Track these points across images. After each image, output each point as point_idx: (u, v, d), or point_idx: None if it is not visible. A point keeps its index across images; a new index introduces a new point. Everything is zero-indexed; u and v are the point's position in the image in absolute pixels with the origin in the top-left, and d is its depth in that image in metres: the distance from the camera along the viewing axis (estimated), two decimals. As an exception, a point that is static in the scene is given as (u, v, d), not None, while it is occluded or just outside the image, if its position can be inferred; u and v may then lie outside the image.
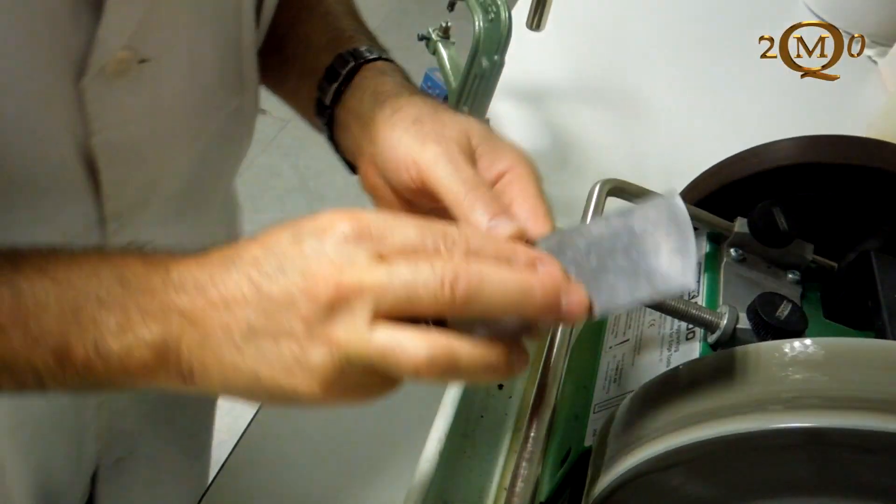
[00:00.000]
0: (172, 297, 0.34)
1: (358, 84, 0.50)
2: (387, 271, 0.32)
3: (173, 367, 0.34)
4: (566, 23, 1.03)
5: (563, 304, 0.32)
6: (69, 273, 0.35)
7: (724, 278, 0.45)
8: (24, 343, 0.34)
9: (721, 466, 0.33)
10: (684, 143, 1.00)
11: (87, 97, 0.41)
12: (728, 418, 0.32)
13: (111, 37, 0.40)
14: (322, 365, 0.32)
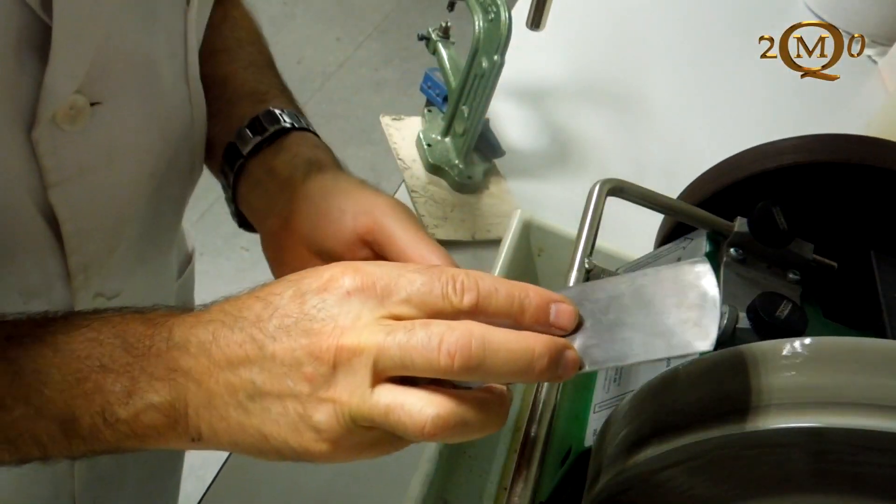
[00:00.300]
0: (177, 359, 0.34)
1: (287, 148, 0.50)
2: (386, 332, 0.32)
3: (182, 428, 0.34)
4: (566, 23, 1.03)
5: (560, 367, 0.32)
6: (69, 340, 0.34)
7: (724, 278, 0.45)
8: (26, 417, 0.33)
9: (721, 466, 0.33)
10: (684, 143, 1.00)
11: (40, 149, 0.39)
12: (728, 418, 0.32)
13: (60, 82, 0.38)
14: (328, 425, 0.32)
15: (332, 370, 0.32)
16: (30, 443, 0.33)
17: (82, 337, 0.34)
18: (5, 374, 0.33)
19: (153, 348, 0.34)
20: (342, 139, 2.17)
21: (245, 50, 0.57)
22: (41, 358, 0.33)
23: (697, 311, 0.31)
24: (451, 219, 0.83)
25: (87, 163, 0.42)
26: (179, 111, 0.49)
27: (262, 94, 0.53)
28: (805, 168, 0.48)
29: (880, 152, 0.47)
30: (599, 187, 0.46)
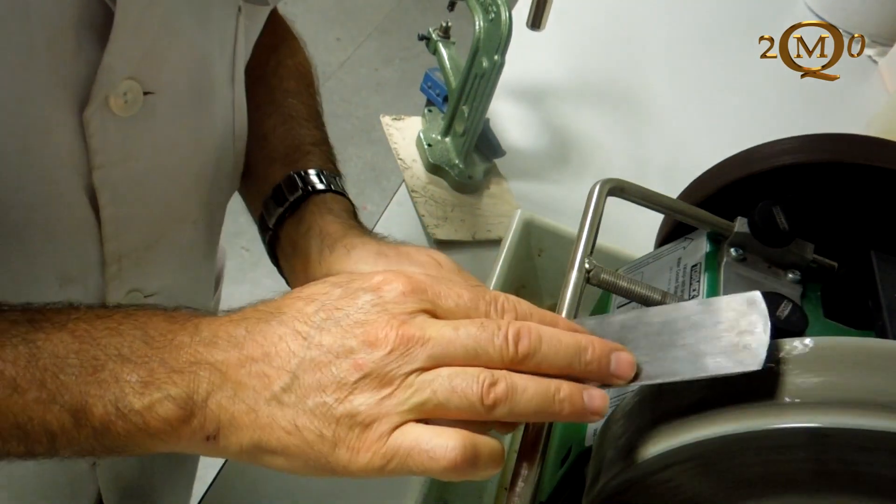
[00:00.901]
0: (202, 353, 0.33)
1: (303, 218, 0.50)
2: (453, 327, 0.33)
3: (197, 424, 0.33)
4: (566, 23, 1.03)
5: (586, 402, 0.33)
6: (90, 328, 0.34)
7: (724, 278, 0.45)
8: (39, 401, 0.32)
9: (721, 466, 0.33)
10: (685, 143, 1.00)
11: (90, 129, 0.40)
12: (728, 418, 0.32)
13: (116, 65, 0.39)
14: (367, 408, 0.32)
15: (387, 355, 0.32)
16: (39, 430, 0.32)
17: (103, 326, 0.34)
18: (23, 356, 0.32)
19: (175, 341, 0.34)
20: (342, 139, 2.17)
21: (287, 102, 0.57)
22: (60, 343, 0.33)
23: (748, 335, 0.32)
24: (451, 219, 0.83)
25: (133, 150, 0.43)
26: (223, 114, 0.50)
27: (293, 153, 0.54)
28: (805, 168, 0.48)
29: (880, 152, 0.47)
30: (599, 187, 0.46)
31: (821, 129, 0.49)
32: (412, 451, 0.32)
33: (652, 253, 0.53)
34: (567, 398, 0.33)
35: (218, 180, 0.52)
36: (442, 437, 0.31)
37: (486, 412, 0.32)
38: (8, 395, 0.32)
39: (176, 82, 0.43)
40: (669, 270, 0.49)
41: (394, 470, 0.32)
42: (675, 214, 0.48)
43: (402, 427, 0.32)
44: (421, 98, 0.94)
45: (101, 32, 0.38)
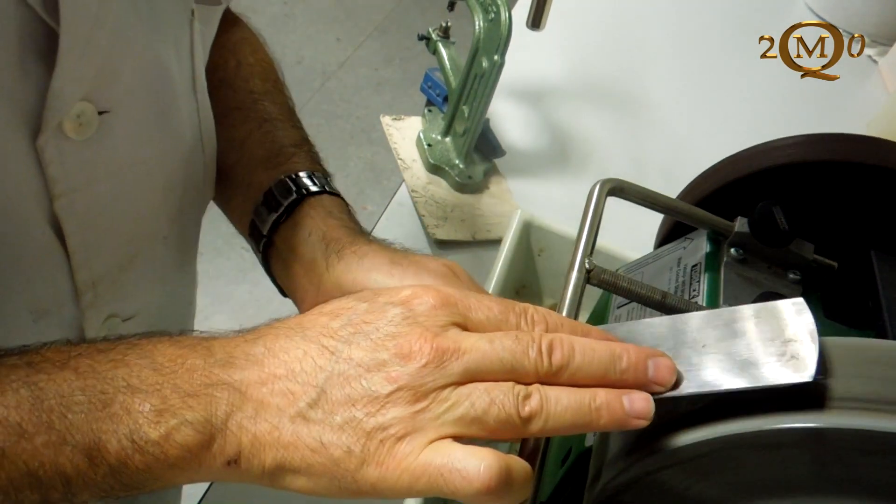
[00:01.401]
0: (218, 374, 0.32)
1: (301, 222, 0.49)
2: (488, 339, 0.32)
3: (218, 448, 0.32)
4: (566, 23, 1.03)
5: (626, 407, 0.32)
6: (93, 363, 0.32)
7: (724, 278, 0.45)
8: (48, 444, 0.30)
9: (721, 466, 0.33)
10: (684, 143, 1.00)
11: (46, 158, 0.38)
12: (728, 418, 0.32)
13: (67, 89, 0.37)
14: (401, 422, 0.31)
15: (422, 368, 0.31)
16: (53, 475, 0.30)
17: (106, 359, 0.32)
18: (27, 400, 0.30)
19: (186, 364, 0.32)
20: (342, 139, 2.17)
21: (259, 104, 0.56)
22: (64, 382, 0.31)
23: (795, 344, 0.31)
24: (451, 219, 0.83)
25: (94, 174, 0.41)
26: (189, 124, 0.48)
27: (276, 157, 0.52)
28: (805, 168, 0.48)
29: (880, 152, 0.47)
30: (599, 187, 0.46)
31: (821, 129, 0.49)
32: (443, 469, 0.30)
33: (652, 253, 0.53)
34: (604, 405, 0.31)
35: (188, 192, 0.50)
36: (476, 457, 0.30)
37: (523, 426, 0.31)
38: (15, 441, 0.30)
39: (132, 97, 0.42)
40: (669, 270, 0.49)
41: (423, 490, 0.31)
42: (674, 214, 0.48)
43: (434, 444, 0.31)
44: (421, 98, 0.94)
45: (47, 55, 0.36)
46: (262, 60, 0.59)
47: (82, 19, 0.36)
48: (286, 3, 2.55)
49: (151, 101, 0.43)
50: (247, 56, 0.58)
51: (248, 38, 0.60)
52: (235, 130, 0.54)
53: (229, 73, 0.56)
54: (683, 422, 0.34)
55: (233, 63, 0.57)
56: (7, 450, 0.30)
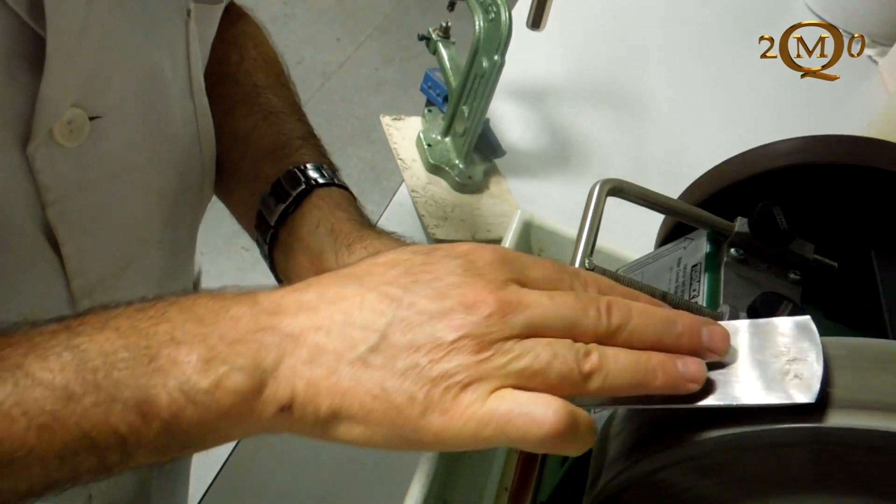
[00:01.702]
0: (266, 320, 0.31)
1: (309, 212, 0.48)
2: (549, 296, 0.32)
3: (270, 393, 0.31)
4: (566, 23, 1.03)
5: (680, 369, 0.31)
6: (134, 322, 0.31)
7: (724, 278, 0.45)
8: (98, 404, 0.30)
9: (722, 467, 0.33)
10: (685, 143, 1.00)
11: (37, 166, 0.37)
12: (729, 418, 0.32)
13: (56, 96, 0.36)
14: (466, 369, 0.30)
15: (486, 318, 0.30)
16: (107, 435, 0.30)
17: (146, 317, 0.31)
18: (71, 363, 0.30)
19: (230, 313, 0.31)
20: (342, 139, 2.17)
21: (263, 97, 0.55)
22: (106, 342, 0.30)
23: (799, 363, 0.31)
24: (451, 219, 0.83)
25: (88, 180, 0.40)
26: (186, 127, 0.48)
27: (282, 149, 0.52)
28: (805, 169, 0.48)
29: (880, 153, 0.47)
30: (599, 187, 0.46)
31: (821, 129, 0.49)
32: (512, 414, 0.30)
33: (652, 253, 0.53)
34: (659, 366, 0.31)
35: (183, 196, 0.49)
36: (542, 402, 0.30)
37: (583, 381, 0.30)
38: (64, 404, 0.29)
39: (124, 101, 0.41)
40: (670, 271, 0.49)
41: (489, 437, 0.30)
42: (675, 215, 0.48)
43: (497, 392, 0.30)
44: (421, 98, 0.94)
45: (35, 62, 0.35)
46: (265, 54, 0.59)
47: (69, 25, 0.35)
48: (286, 3, 2.55)
49: (144, 106, 0.43)
50: (250, 50, 0.58)
51: (251, 32, 0.60)
52: (239, 124, 0.53)
53: (232, 67, 0.56)
54: (683, 422, 0.34)
55: (236, 57, 0.57)
56: (58, 413, 0.29)
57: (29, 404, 0.29)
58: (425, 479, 0.48)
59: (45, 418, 0.29)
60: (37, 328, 0.32)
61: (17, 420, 0.29)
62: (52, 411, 0.29)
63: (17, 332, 0.31)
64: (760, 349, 0.33)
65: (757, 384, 0.31)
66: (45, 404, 0.29)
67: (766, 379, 0.31)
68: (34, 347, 0.30)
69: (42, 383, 0.29)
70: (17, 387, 0.29)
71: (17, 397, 0.29)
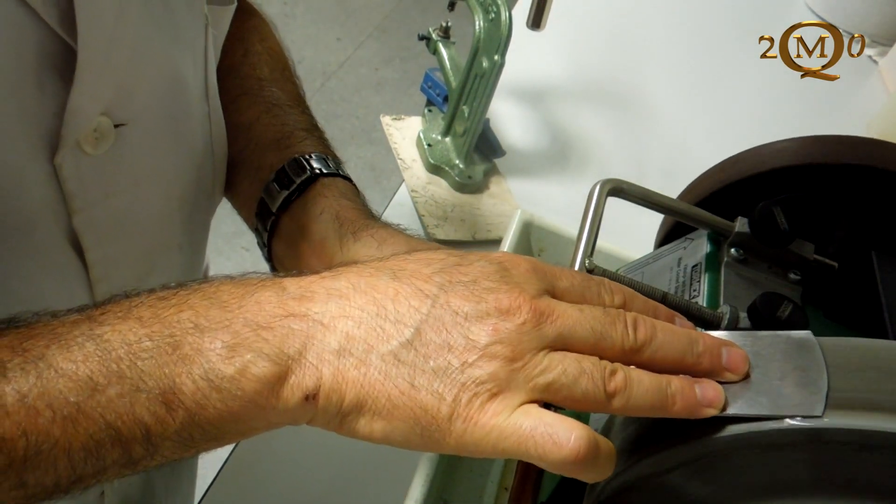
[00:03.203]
0: (294, 306, 0.31)
1: (313, 200, 0.48)
2: (579, 309, 0.32)
3: (296, 381, 0.30)
4: (566, 23, 1.03)
5: (698, 395, 0.32)
6: (156, 310, 0.31)
7: (724, 278, 0.45)
8: (123, 394, 0.29)
9: (721, 467, 0.33)
10: (685, 143, 1.00)
11: (63, 174, 0.37)
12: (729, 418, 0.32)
13: (86, 106, 0.36)
14: (496, 378, 0.30)
15: (520, 326, 0.30)
16: (132, 426, 0.29)
17: (168, 305, 0.31)
18: (94, 353, 0.29)
19: (255, 297, 0.31)
20: (342, 139, 2.17)
21: (267, 90, 0.55)
22: (129, 331, 0.30)
23: (803, 379, 0.32)
24: (451, 219, 0.83)
25: (113, 187, 0.40)
26: (203, 131, 0.48)
27: (286, 139, 0.51)
28: (805, 169, 0.48)
29: (880, 153, 0.47)
30: (600, 188, 0.46)
31: (821, 129, 0.49)
32: (535, 432, 0.30)
33: (652, 253, 0.53)
34: (678, 391, 0.31)
35: (199, 200, 0.50)
36: (567, 424, 0.30)
37: (607, 400, 0.31)
38: (88, 395, 0.29)
39: (149, 109, 0.41)
40: (670, 271, 0.49)
41: (507, 450, 0.30)
42: (675, 214, 0.48)
43: (524, 407, 0.30)
44: (421, 98, 0.94)
45: (65, 72, 0.35)
46: (270, 49, 0.59)
47: (100, 36, 0.35)
48: (286, 3, 2.55)
49: (167, 112, 0.43)
50: (255, 44, 0.58)
51: (257, 26, 0.60)
52: (243, 115, 0.53)
53: (237, 60, 0.56)
54: (683, 423, 0.34)
55: (240, 51, 0.57)
56: (82, 404, 0.29)
57: (53, 396, 0.28)
58: (425, 479, 0.48)
59: (69, 410, 0.29)
60: (58, 318, 0.31)
61: (42, 412, 0.28)
62: (76, 402, 0.29)
63: (38, 322, 0.31)
64: (764, 363, 0.33)
65: (762, 399, 0.32)
66: (70, 395, 0.29)
67: (772, 394, 0.31)
68: (56, 338, 0.30)
69: (66, 374, 0.29)
70: (40, 378, 0.29)
71: (41, 389, 0.28)
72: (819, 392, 0.31)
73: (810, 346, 0.33)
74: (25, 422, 0.28)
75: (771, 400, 0.31)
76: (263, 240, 0.51)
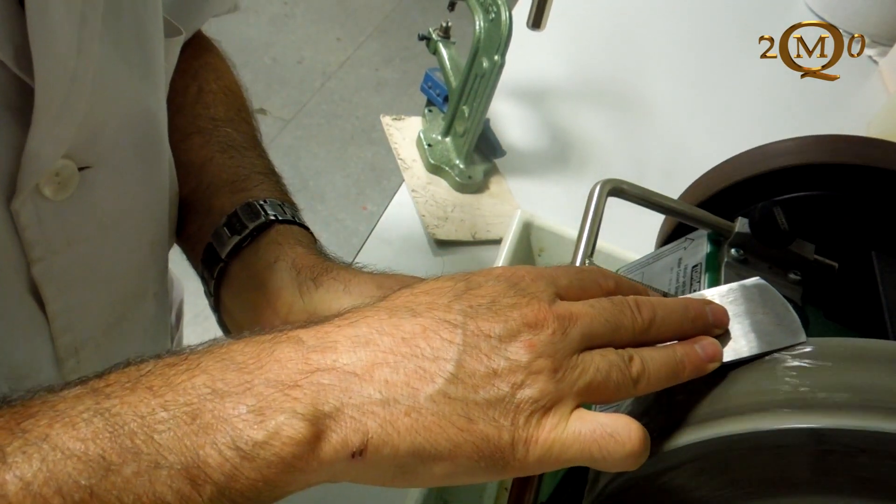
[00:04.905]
0: (317, 360, 0.29)
1: (266, 247, 0.45)
2: (590, 305, 0.32)
3: (338, 440, 0.28)
4: (566, 23, 1.03)
5: (700, 353, 0.33)
6: (166, 378, 0.28)
7: (725, 278, 0.45)
8: (140, 473, 0.26)
9: (721, 467, 0.33)
10: (685, 143, 1.00)
11: (21, 222, 0.35)
12: (729, 418, 0.32)
13: (45, 149, 0.34)
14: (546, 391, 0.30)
15: (551, 336, 0.30)
16: None
17: (179, 371, 0.28)
18: (104, 430, 0.26)
19: (275, 356, 0.29)
20: (342, 139, 2.17)
21: (221, 130, 0.52)
22: (140, 403, 0.27)
23: (773, 314, 0.35)
24: (451, 219, 0.83)
25: (77, 234, 0.38)
26: (170, 168, 0.46)
27: (241, 182, 0.48)
28: (805, 169, 0.48)
29: (880, 153, 0.47)
30: (600, 188, 0.46)
31: (821, 129, 0.49)
32: (596, 435, 0.30)
33: (652, 253, 0.53)
34: (685, 356, 0.33)
35: (167, 241, 0.47)
36: (622, 422, 0.30)
37: (633, 386, 0.32)
38: (102, 476, 0.26)
39: (117, 149, 0.39)
40: (670, 271, 0.49)
41: (571, 459, 0.30)
42: (675, 215, 0.48)
43: (577, 412, 0.30)
44: (421, 98, 0.94)
45: (22, 112, 0.32)
46: (226, 88, 0.56)
47: (59, 75, 0.33)
48: (286, 3, 2.55)
49: (137, 152, 0.40)
50: (210, 83, 0.55)
51: (212, 63, 0.57)
52: (194, 154, 0.50)
53: (190, 98, 0.53)
54: (683, 423, 0.34)
55: (194, 88, 0.54)
56: (95, 488, 0.26)
57: (62, 480, 0.25)
58: (425, 479, 0.47)
59: (81, 495, 0.26)
60: (57, 393, 0.28)
61: (51, 500, 0.25)
62: (88, 486, 0.26)
63: (35, 399, 0.28)
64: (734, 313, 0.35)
65: (751, 343, 0.34)
66: (80, 479, 0.26)
67: (755, 335, 0.34)
68: (59, 416, 0.27)
69: (74, 455, 0.26)
70: (45, 462, 0.26)
71: (48, 474, 0.25)
72: (794, 323, 0.34)
73: (764, 287, 0.35)
74: None
75: (758, 339, 0.34)
76: (210, 289, 0.47)
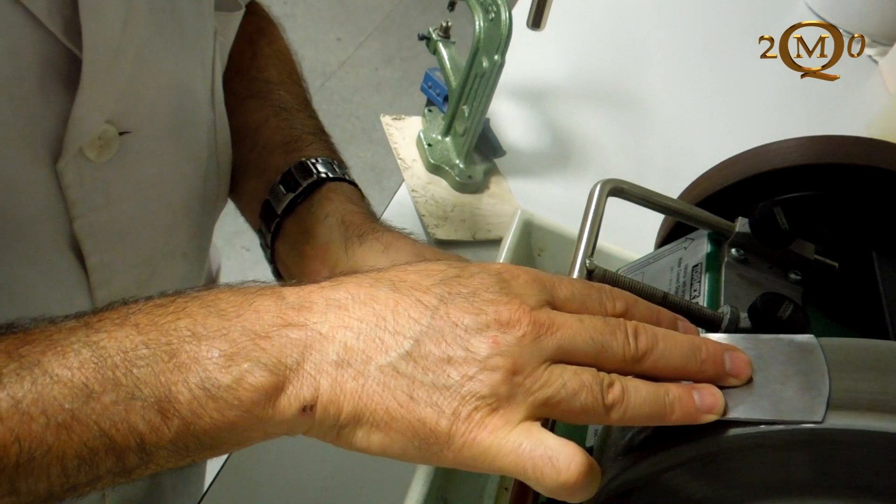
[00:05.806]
0: (292, 316, 0.31)
1: (318, 203, 0.48)
2: (579, 319, 0.31)
3: (293, 391, 0.30)
4: (566, 23, 1.03)
5: (696, 402, 0.31)
6: (153, 318, 0.31)
7: (725, 278, 0.45)
8: (118, 402, 0.29)
9: (722, 467, 0.33)
10: (685, 143, 1.00)
11: (66, 181, 0.37)
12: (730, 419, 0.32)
13: (90, 114, 0.36)
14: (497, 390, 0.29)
15: (520, 339, 0.30)
16: (126, 434, 0.29)
17: (166, 313, 0.31)
18: (90, 360, 0.29)
19: (254, 306, 0.31)
20: (343, 139, 2.17)
21: (275, 93, 0.55)
22: (126, 338, 0.30)
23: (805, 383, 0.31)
24: (451, 218, 0.83)
25: (115, 194, 0.40)
26: (207, 138, 0.48)
27: (294, 142, 0.52)
28: (805, 169, 0.48)
29: (880, 153, 0.47)
30: (600, 188, 0.46)
31: (821, 129, 0.49)
32: (534, 453, 0.29)
33: (652, 253, 0.53)
34: (676, 399, 0.31)
35: (205, 207, 0.50)
36: (568, 449, 0.30)
37: (605, 413, 0.30)
38: (83, 402, 0.29)
39: (154, 116, 0.41)
40: (670, 271, 0.49)
41: (504, 468, 0.30)
42: (675, 215, 0.48)
43: (525, 425, 0.30)
44: (421, 98, 0.94)
45: (69, 80, 0.35)
46: (279, 51, 0.59)
47: (105, 45, 0.35)
48: (286, 3, 2.55)
49: (173, 120, 0.43)
50: (263, 47, 0.58)
51: (265, 29, 0.60)
52: (250, 117, 0.53)
53: (245, 62, 0.56)
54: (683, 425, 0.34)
55: (249, 53, 0.57)
56: (77, 411, 0.29)
57: (48, 402, 0.28)
58: (425, 478, 0.48)
59: (63, 416, 0.28)
60: (55, 325, 0.31)
61: (36, 418, 0.28)
62: (70, 409, 0.28)
63: (35, 329, 0.31)
64: (766, 367, 0.33)
65: (764, 403, 0.31)
66: (64, 402, 0.28)
67: (773, 398, 0.31)
68: (53, 344, 0.30)
69: (61, 381, 0.29)
70: (35, 384, 0.28)
71: (36, 395, 0.28)
72: (820, 396, 0.30)
73: (812, 349, 0.32)
74: (19, 428, 0.28)
75: (772, 404, 0.31)
76: (267, 241, 0.51)
